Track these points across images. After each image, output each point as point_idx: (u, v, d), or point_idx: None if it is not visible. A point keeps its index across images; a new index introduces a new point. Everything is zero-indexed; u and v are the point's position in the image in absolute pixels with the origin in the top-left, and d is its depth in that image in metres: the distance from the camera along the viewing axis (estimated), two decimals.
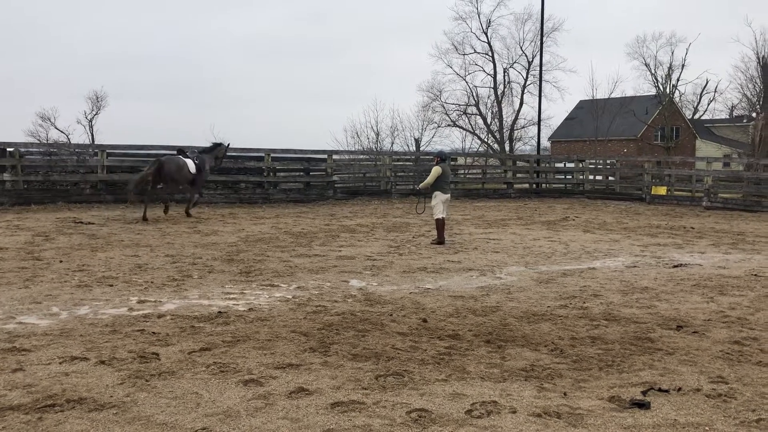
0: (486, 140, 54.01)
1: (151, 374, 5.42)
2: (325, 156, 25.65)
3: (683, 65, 54.70)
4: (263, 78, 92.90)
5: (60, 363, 5.68)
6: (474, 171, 31.22)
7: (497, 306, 8.13)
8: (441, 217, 13.81)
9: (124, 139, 72.84)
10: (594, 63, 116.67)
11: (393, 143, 47.47)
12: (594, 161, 33.95)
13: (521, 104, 53.74)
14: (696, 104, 61.12)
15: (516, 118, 53.80)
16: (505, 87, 54.09)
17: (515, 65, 54.29)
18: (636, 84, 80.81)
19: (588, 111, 54.54)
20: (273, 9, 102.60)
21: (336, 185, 25.03)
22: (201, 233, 14.58)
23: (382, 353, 6.08)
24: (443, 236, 13.85)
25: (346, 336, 6.64)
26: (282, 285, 9.26)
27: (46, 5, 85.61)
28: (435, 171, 13.97)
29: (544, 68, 42.11)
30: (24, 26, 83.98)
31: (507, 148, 51.44)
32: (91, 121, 50.74)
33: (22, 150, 21.19)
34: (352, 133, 47.73)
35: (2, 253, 11.31)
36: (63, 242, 12.76)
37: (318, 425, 4.49)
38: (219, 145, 19.66)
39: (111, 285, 8.97)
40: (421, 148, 47.07)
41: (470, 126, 54.56)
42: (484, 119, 54.27)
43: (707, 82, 58.19)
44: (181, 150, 18.48)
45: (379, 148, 44.76)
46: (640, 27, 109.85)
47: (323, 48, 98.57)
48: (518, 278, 10.09)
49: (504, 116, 53.61)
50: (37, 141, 42.94)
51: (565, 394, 5.12)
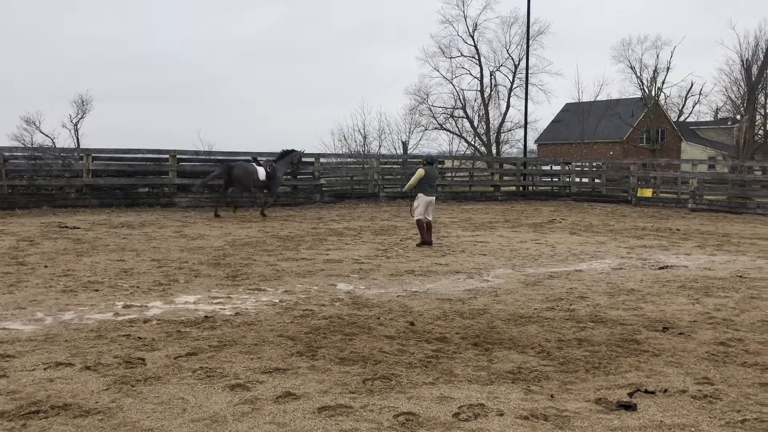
0: (473, 143, 54.11)
1: (137, 380, 5.38)
2: (313, 159, 25.60)
3: (668, 68, 55.02)
4: (250, 81, 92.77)
5: (44, 369, 5.63)
6: (461, 174, 31.28)
7: (484, 309, 8.14)
8: (420, 219, 13.96)
9: (111, 143, 72.45)
10: (580, 66, 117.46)
11: (380, 146, 47.49)
12: (580, 164, 34.11)
13: (508, 107, 53.90)
14: (681, 107, 61.58)
15: (503, 121, 53.93)
16: (492, 90, 54.24)
17: (502, 68, 54.45)
18: (622, 87, 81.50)
19: (574, 114, 54.82)
20: (260, 12, 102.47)
21: (323, 188, 25.02)
22: (187, 237, 14.52)
23: (370, 357, 6.07)
24: (426, 236, 13.94)
25: (334, 340, 6.63)
26: (269, 289, 9.23)
27: (30, 8, 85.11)
28: (418, 173, 14.12)
29: (531, 71, 42.30)
30: (7, 29, 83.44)
31: (494, 151, 51.55)
32: (77, 125, 50.37)
33: (7, 154, 21.01)
34: (340, 137, 47.70)
35: None
36: (48, 247, 12.66)
37: (305, 430, 4.47)
38: (292, 152, 20.70)
39: (96, 290, 8.91)
40: (409, 151, 47.11)
41: (457, 129, 54.67)
42: (471, 122, 54.37)
43: (692, 85, 58.63)
44: (255, 158, 20.37)
45: (367, 152, 44.76)
46: (626, 30, 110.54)
47: (310, 51, 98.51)
48: (505, 281, 10.11)
49: (491, 119, 53.74)
50: (22, 145, 42.56)
51: (552, 397, 5.13)
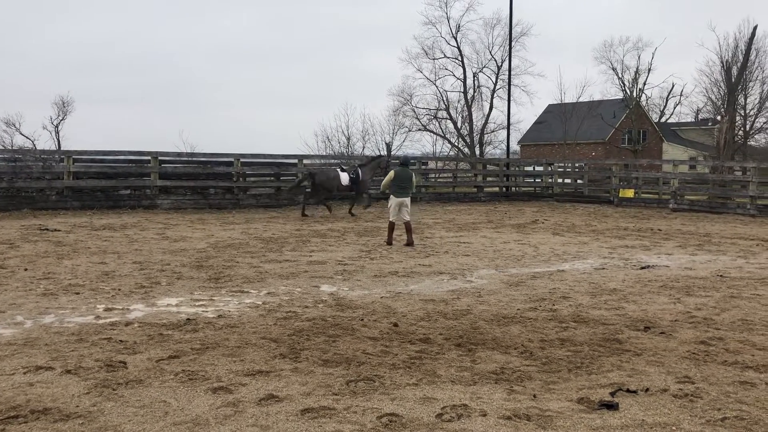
0: (456, 144, 54.23)
1: (118, 383, 5.34)
2: (296, 161, 25.55)
3: (650, 69, 55.48)
4: (233, 82, 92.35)
5: (24, 373, 5.57)
6: (445, 175, 31.33)
7: (468, 309, 8.16)
8: (391, 220, 14.56)
9: (92, 145, 71.93)
10: (562, 67, 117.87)
11: (364, 147, 47.46)
12: (563, 164, 34.29)
13: (491, 108, 54.08)
14: (662, 108, 62.09)
15: (486, 122, 54.09)
16: (475, 91, 54.39)
17: (485, 70, 54.63)
18: (603, 88, 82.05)
19: (557, 115, 55.08)
20: (242, 14, 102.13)
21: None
22: (169, 239, 14.43)
23: (353, 358, 6.06)
24: (388, 238, 14.46)
25: (317, 341, 6.61)
26: (252, 291, 9.19)
27: (9, 9, 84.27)
28: (388, 175, 14.84)
29: (513, 72, 42.52)
30: None
31: (477, 152, 51.69)
32: (58, 127, 49.90)
33: None
34: (323, 138, 47.60)
35: None
36: (28, 250, 12.54)
37: None
38: (379, 157, 21.82)
39: (77, 293, 8.84)
40: (393, 153, 47.13)
41: (441, 130, 54.76)
42: (455, 123, 54.50)
43: (673, 86, 59.23)
44: (340, 164, 21.82)
45: (351, 153, 44.73)
46: (608, 32, 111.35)
47: (293, 52, 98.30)
48: (488, 281, 10.14)
49: (474, 120, 53.87)
50: (2, 147, 42.15)
51: (535, 396, 5.15)
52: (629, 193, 28.16)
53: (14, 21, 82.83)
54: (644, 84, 56.67)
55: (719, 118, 48.39)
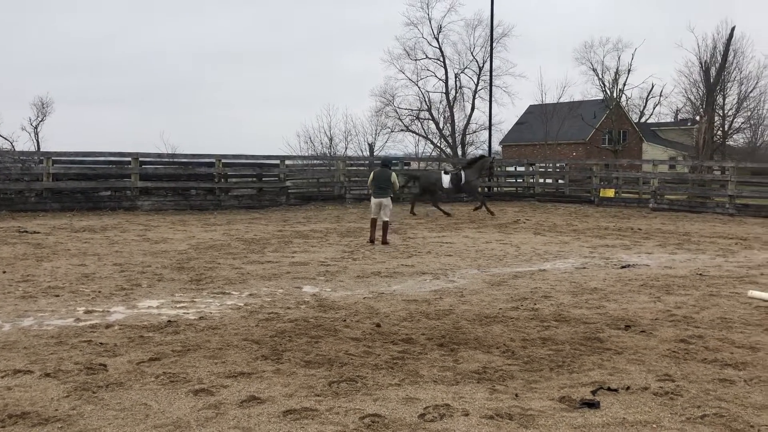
0: (439, 145, 54.37)
1: (98, 386, 5.29)
2: (278, 161, 25.49)
3: (629, 70, 55.88)
4: (213, 84, 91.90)
5: (2, 377, 5.50)
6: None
7: (450, 309, 8.17)
8: (372, 217, 14.98)
9: (72, 146, 71.18)
10: (543, 68, 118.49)
11: (346, 148, 47.49)
12: (544, 165, 34.46)
13: (473, 109, 54.24)
14: (642, 108, 62.57)
15: (468, 123, 54.26)
16: (457, 92, 54.54)
17: (466, 70, 54.78)
18: (584, 89, 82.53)
19: (538, 115, 55.37)
20: (222, 15, 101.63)
21: (289, 191, 24.91)
22: (150, 241, 14.34)
23: (336, 359, 6.05)
24: (370, 235, 14.78)
25: (299, 343, 6.59)
26: (234, 293, 9.15)
27: None
28: (370, 176, 15.43)
29: (495, 73, 42.67)
30: None
31: (459, 153, 51.83)
32: (37, 128, 49.40)
33: None
34: (305, 138, 47.64)
35: None
36: (6, 252, 12.40)
37: None
38: (482, 158, 22.10)
39: (57, 295, 8.75)
40: (375, 153, 47.17)
41: (423, 131, 54.89)
42: (437, 124, 54.63)
43: (653, 87, 59.63)
44: (444, 168, 22.47)
45: (333, 153, 44.70)
46: (588, 33, 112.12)
47: (274, 53, 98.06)
48: (471, 281, 10.17)
49: (456, 121, 54.03)
50: None
51: (517, 396, 5.16)
52: (610, 193, 28.35)
53: None
54: (624, 84, 57.10)
55: (698, 119, 48.86)
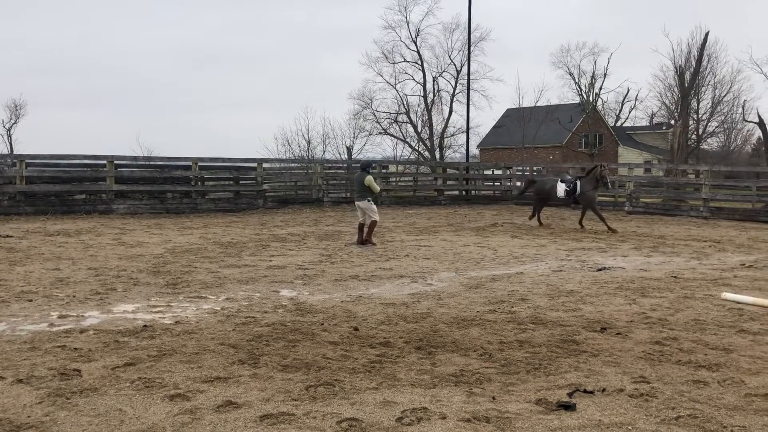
0: (417, 148, 54.49)
1: (72, 392, 5.22)
2: (255, 164, 25.39)
3: (605, 74, 56.45)
4: (191, 87, 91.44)
5: None
6: (405, 179, 31.44)
7: (428, 312, 8.18)
8: (359, 222, 15.09)
9: (46, 149, 70.39)
10: (520, 72, 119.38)
11: (324, 151, 47.43)
12: (521, 168, 34.66)
13: (450, 112, 54.47)
14: (618, 112, 63.24)
15: (446, 126, 54.47)
16: (435, 95, 54.73)
17: (444, 74, 55.01)
18: (561, 92, 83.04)
19: (515, 119, 55.69)
20: (200, 17, 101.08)
21: (266, 194, 24.81)
22: (126, 245, 14.20)
23: (313, 363, 6.03)
24: (357, 238, 14.95)
25: (276, 347, 6.56)
26: (210, 297, 9.09)
27: None
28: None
29: (472, 77, 42.86)
30: None
31: (437, 156, 51.98)
32: (10, 130, 48.82)
33: None
34: (283, 141, 47.57)
35: None
36: None
37: None
38: (595, 168, 20.27)
39: (30, 300, 8.63)
40: (353, 156, 47.14)
41: (401, 134, 54.99)
42: (415, 127, 54.76)
43: (628, 91, 60.28)
44: (562, 176, 20.86)
45: (311, 156, 44.60)
46: (565, 37, 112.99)
47: (252, 56, 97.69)
48: (448, 284, 10.19)
49: (434, 124, 54.22)
50: None
51: (494, 399, 5.18)
52: None
53: None
54: (600, 88, 57.65)
55: (673, 122, 49.43)
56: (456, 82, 53.95)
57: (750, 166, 36.61)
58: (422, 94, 54.27)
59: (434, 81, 54.68)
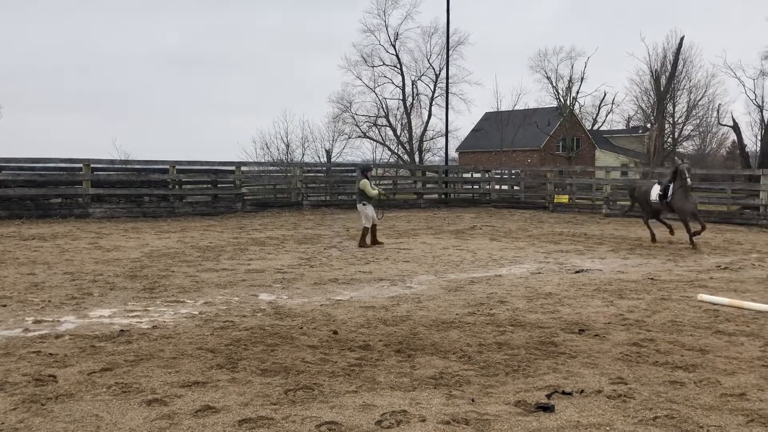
0: (396, 151, 54.58)
1: (48, 398, 5.15)
2: (233, 168, 25.25)
3: (582, 78, 57.05)
4: (169, 90, 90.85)
5: None
6: (384, 182, 31.44)
7: (407, 315, 8.18)
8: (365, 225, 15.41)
9: (21, 152, 69.50)
10: (498, 76, 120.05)
11: (304, 154, 47.32)
12: (500, 171, 34.83)
13: (429, 116, 54.65)
14: (595, 116, 63.80)
15: (425, 130, 54.65)
16: (414, 99, 54.91)
17: (423, 78, 55.23)
18: (538, 96, 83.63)
19: (493, 122, 56.02)
20: (179, 21, 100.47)
21: (245, 197, 24.68)
22: (102, 249, 14.06)
23: (292, 367, 6.00)
24: (361, 242, 15.21)
25: (255, 351, 6.52)
26: (188, 301, 9.02)
27: None
28: None
29: (451, 81, 42.99)
30: None
31: (416, 159, 52.08)
32: None
33: None
34: (262, 144, 47.34)
35: None
36: None
37: None
38: (677, 166, 16.61)
39: (4, 305, 8.51)
40: (333, 159, 47.08)
41: (380, 137, 55.08)
42: (394, 131, 54.88)
43: (605, 95, 60.89)
44: (659, 175, 18.33)
45: (290, 160, 44.49)
46: (542, 41, 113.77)
47: (230, 59, 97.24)
48: (428, 287, 10.20)
49: (413, 128, 54.37)
50: None
51: (473, 401, 5.19)
52: (564, 199, 28.81)
53: None
54: (577, 92, 58.20)
55: (649, 126, 49.95)
56: (435, 86, 54.19)
57: (725, 169, 37.08)
58: (401, 98, 54.42)
59: (413, 84, 54.88)
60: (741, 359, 6.38)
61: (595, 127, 65.14)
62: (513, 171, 35.44)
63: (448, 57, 38.79)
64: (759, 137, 47.87)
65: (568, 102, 58.10)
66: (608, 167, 30.80)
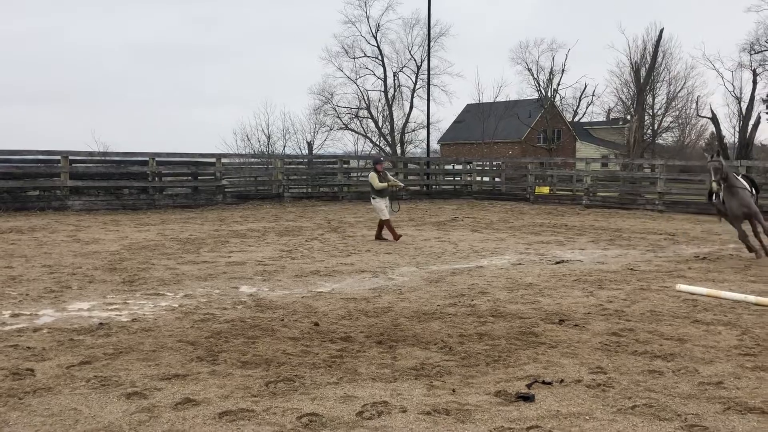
0: (378, 143, 54.52)
1: (25, 392, 5.10)
2: (214, 159, 25.11)
3: (563, 70, 57.24)
4: (148, 81, 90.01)
5: None
6: (366, 174, 31.43)
7: (389, 307, 8.18)
8: (381, 218, 15.04)
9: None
10: (480, 68, 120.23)
11: (285, 146, 47.18)
12: (481, 163, 34.92)
13: (411, 108, 54.64)
14: (575, 107, 64.12)
15: (406, 122, 54.62)
16: (396, 91, 54.84)
17: (405, 69, 55.18)
18: (520, 88, 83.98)
19: (475, 114, 56.12)
20: (159, 11, 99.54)
21: (226, 189, 24.56)
22: (81, 242, 13.93)
23: (273, 359, 5.98)
24: (378, 234, 14.99)
25: (236, 343, 6.50)
26: (168, 294, 8.96)
27: None
28: None
29: (433, 72, 43.02)
30: None
31: (398, 151, 52.06)
32: None
33: None
34: (242, 136, 47.22)
35: None
36: None
37: None
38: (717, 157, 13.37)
39: None
40: (314, 151, 46.97)
41: (362, 129, 55.01)
42: (376, 122, 54.81)
43: (585, 87, 61.24)
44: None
45: (271, 151, 44.31)
46: (523, 33, 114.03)
47: (211, 51, 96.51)
48: (410, 278, 10.21)
49: (395, 119, 54.34)
50: None
51: (454, 391, 5.20)
52: (545, 191, 28.95)
53: None
54: (558, 84, 58.42)
55: (629, 118, 50.27)
56: (416, 78, 54.16)
57: (704, 161, 37.46)
58: (383, 90, 54.34)
59: (395, 76, 54.82)
60: (718, 348, 6.45)
61: (576, 119, 65.48)
62: (494, 163, 35.54)
63: (430, 48, 38.78)
64: (737, 129, 48.42)
65: (549, 94, 58.32)
66: (589, 159, 30.96)
